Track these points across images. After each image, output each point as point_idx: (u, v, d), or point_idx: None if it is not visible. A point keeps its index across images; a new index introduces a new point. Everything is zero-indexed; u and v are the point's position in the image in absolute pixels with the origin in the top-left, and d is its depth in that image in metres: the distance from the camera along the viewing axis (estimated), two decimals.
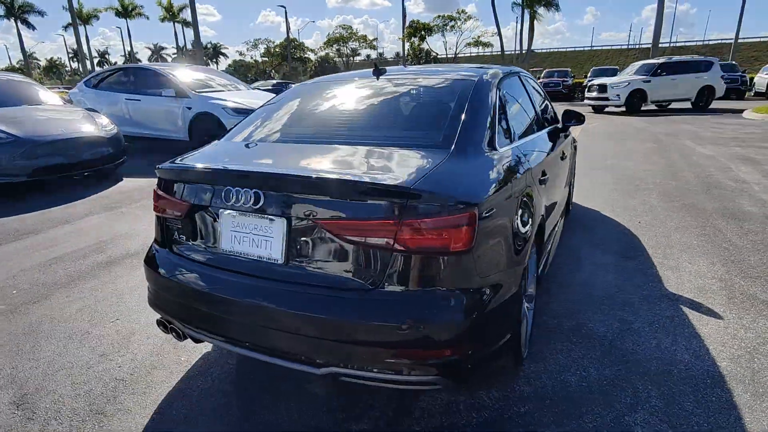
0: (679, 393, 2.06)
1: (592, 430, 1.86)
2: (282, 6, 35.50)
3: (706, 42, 67.10)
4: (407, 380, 1.60)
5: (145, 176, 7.05)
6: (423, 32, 37.42)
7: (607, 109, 17.42)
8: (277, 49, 49.55)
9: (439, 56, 43.40)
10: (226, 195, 1.76)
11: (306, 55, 51.45)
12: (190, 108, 8.22)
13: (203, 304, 1.87)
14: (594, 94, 17.35)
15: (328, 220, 1.60)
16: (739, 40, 33.02)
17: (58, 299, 3.14)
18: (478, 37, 38.61)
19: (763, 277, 3.18)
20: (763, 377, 2.16)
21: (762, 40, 62.23)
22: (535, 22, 30.31)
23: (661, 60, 17.25)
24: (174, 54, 62.01)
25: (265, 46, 52.39)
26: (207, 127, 8.10)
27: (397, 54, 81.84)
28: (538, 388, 2.11)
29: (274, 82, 21.99)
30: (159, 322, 2.13)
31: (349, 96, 2.57)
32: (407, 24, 37.42)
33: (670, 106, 17.90)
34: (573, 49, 73.43)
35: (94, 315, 2.91)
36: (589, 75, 26.11)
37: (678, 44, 68.81)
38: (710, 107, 16.79)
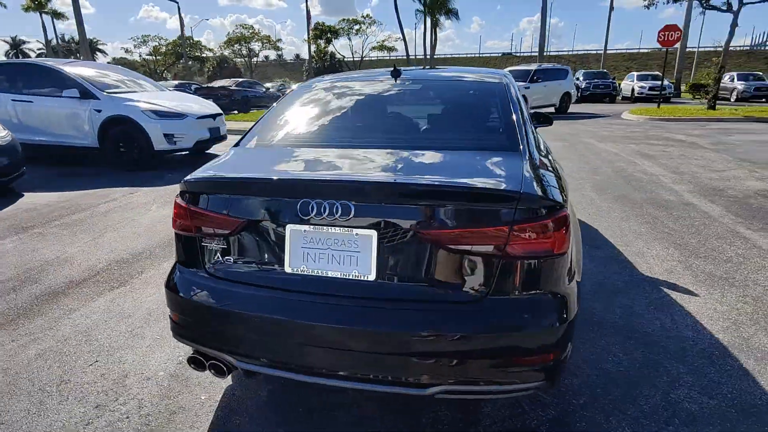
0: (701, 366, 2.28)
1: (652, 411, 1.98)
2: (174, 0, 32.81)
3: (576, 52, 76.08)
4: (515, 388, 1.56)
5: (50, 190, 6.07)
6: (329, 35, 37.31)
7: None
8: (170, 47, 45.61)
9: (345, 59, 43.64)
10: (302, 208, 1.56)
11: (204, 55, 48.18)
12: (99, 111, 7.23)
13: (267, 331, 1.64)
14: None
15: (431, 229, 1.50)
16: (601, 51, 38.04)
17: (2, 346, 2.55)
18: (383, 41, 39.52)
19: (710, 256, 3.67)
20: (754, 344, 2.48)
21: (618, 51, 72.61)
22: (437, 29, 32.03)
23: (534, 67, 18.39)
24: (40, 49, 54.21)
25: (156, 44, 48.02)
26: (123, 132, 7.21)
27: (297, 56, 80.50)
28: (585, 379, 2.20)
29: (176, 83, 20.24)
30: (192, 359, 1.83)
31: (382, 97, 2.44)
32: (312, 26, 37.02)
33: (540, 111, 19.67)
34: (465, 55, 78.51)
35: (62, 360, 2.42)
36: None
37: (552, 53, 76.92)
38: (569, 111, 18.40)
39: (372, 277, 1.55)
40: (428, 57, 32.99)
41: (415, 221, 1.51)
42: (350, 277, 1.56)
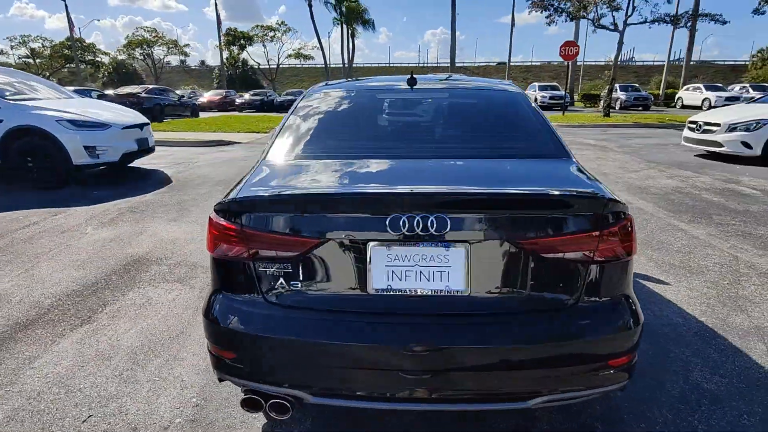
0: (701, 348, 2.52)
1: (680, 395, 2.14)
2: None
3: (479, 64, 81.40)
4: (607, 390, 1.59)
5: None
6: (242, 41, 35.77)
7: None
8: (56, 49, 40.35)
9: (260, 66, 42.14)
10: (392, 223, 1.44)
11: (98, 59, 43.38)
12: (1, 121, 6.22)
13: (352, 360, 1.50)
14: None
15: (526, 238, 1.48)
16: (504, 63, 41.17)
17: None
18: (299, 49, 38.84)
19: (663, 248, 4.09)
20: (732, 323, 2.79)
21: (515, 64, 78.96)
22: (354, 38, 32.33)
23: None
24: None
25: (38, 45, 42.21)
26: (30, 145, 6.27)
27: (203, 62, 76.42)
28: None
29: (72, 89, 18.00)
30: (248, 401, 1.61)
31: (412, 106, 2.38)
32: (224, 32, 35.33)
33: None
34: (377, 65, 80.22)
35: (43, 420, 2.01)
36: None
37: (458, 65, 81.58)
38: None
39: (466, 291, 1.49)
40: (347, 66, 33.16)
41: (508, 230, 1.49)
42: (443, 293, 1.49)
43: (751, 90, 27.45)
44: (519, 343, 1.47)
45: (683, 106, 28.44)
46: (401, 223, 1.45)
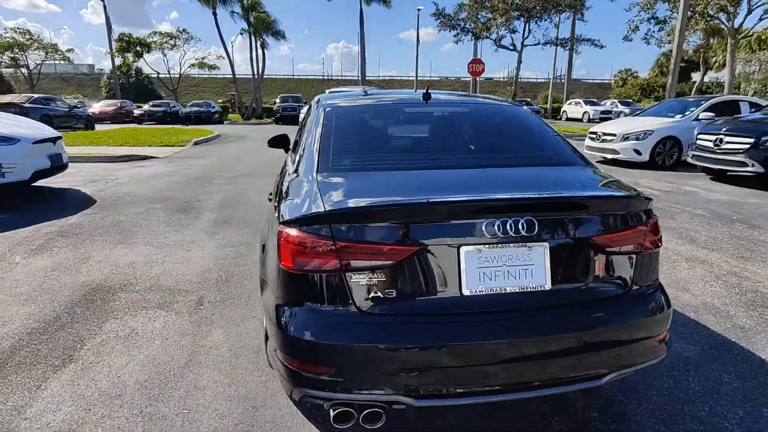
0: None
1: (672, 364, 2.50)
2: None
3: (382, 77, 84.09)
4: (653, 362, 1.84)
5: None
6: (138, 48, 32.74)
7: None
8: None
9: (160, 75, 38.98)
10: (487, 227, 1.56)
11: None
12: None
13: (451, 360, 1.57)
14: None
15: (594, 234, 1.68)
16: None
17: None
18: (203, 58, 36.64)
19: None
20: (683, 301, 3.30)
21: (418, 78, 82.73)
22: (265, 49, 31.54)
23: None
24: None
25: None
26: None
27: (91, 66, 69.04)
28: None
29: None
30: (341, 414, 1.60)
31: (435, 120, 2.52)
32: (115, 37, 32.12)
33: None
34: (284, 76, 79.06)
35: None
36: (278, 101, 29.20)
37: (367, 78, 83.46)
38: None
39: (548, 286, 1.64)
40: (256, 77, 32.17)
41: (580, 229, 1.68)
42: (528, 290, 1.63)
43: (619, 105, 31.84)
44: (592, 329, 1.67)
45: (568, 119, 32.11)
46: (496, 227, 1.57)
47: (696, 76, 39.37)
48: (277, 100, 30.19)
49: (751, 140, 7.37)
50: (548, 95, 38.23)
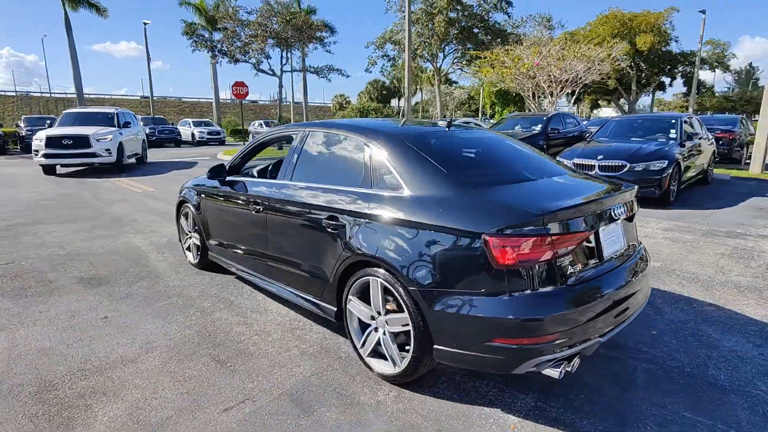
0: (674, 301, 3.79)
1: (692, 332, 3.24)
2: None
3: (117, 97, 69.75)
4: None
5: None
6: None
7: None
8: None
9: None
10: (615, 210, 2.53)
11: None
12: None
13: (615, 303, 2.37)
14: None
15: (631, 211, 2.80)
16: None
17: None
18: None
19: None
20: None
21: (165, 98, 71.09)
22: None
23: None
24: None
25: None
26: None
27: None
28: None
29: None
30: (560, 366, 2.15)
31: (482, 143, 3.23)
32: None
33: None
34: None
35: None
36: None
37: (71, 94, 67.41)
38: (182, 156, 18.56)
39: (624, 246, 2.66)
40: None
41: (630, 207, 2.77)
42: (621, 250, 2.61)
43: None
44: (644, 272, 2.75)
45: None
46: (617, 212, 2.53)
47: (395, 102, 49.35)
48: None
49: None
50: (290, 116, 39.71)
